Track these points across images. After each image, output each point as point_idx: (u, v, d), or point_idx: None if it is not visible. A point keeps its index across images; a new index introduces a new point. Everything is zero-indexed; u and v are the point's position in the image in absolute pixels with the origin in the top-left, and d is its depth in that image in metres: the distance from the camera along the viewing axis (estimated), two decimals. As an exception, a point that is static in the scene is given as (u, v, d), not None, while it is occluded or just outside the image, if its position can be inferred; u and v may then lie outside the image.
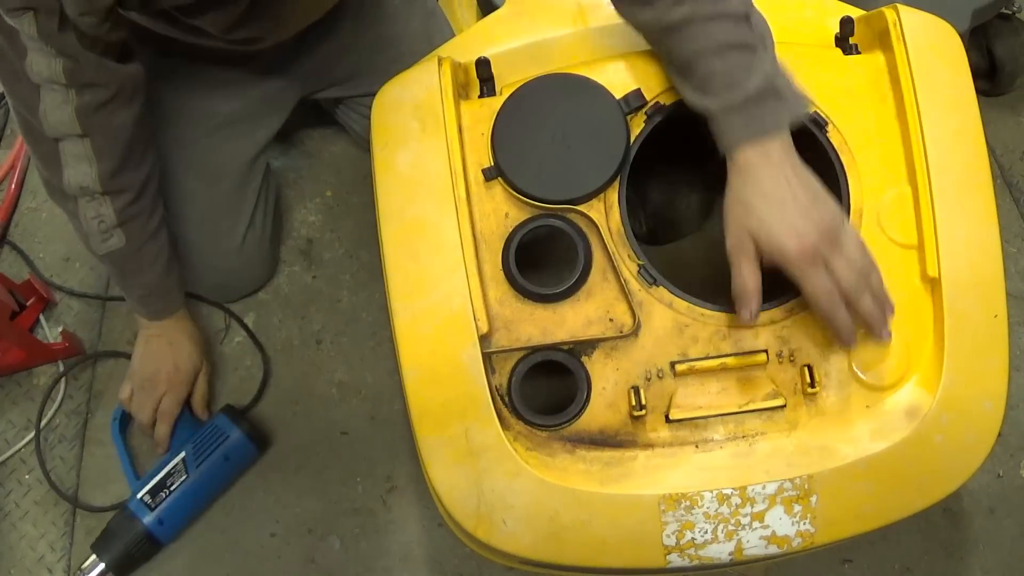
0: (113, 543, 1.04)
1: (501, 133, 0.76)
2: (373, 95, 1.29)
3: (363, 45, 1.19)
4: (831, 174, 0.77)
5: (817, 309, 0.71)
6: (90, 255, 1.34)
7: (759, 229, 0.69)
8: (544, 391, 0.79)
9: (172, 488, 1.06)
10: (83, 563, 1.05)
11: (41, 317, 1.27)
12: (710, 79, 0.70)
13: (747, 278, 0.70)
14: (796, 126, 0.71)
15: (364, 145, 1.38)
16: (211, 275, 1.22)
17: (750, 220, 0.69)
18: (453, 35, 1.28)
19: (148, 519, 1.04)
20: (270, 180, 1.28)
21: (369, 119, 1.29)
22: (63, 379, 1.21)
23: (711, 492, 0.69)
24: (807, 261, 0.68)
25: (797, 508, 0.69)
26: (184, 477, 1.06)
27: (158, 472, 1.08)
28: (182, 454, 1.08)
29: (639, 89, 0.76)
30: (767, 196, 0.69)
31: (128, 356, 1.22)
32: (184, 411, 1.13)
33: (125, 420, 1.15)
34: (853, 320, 0.71)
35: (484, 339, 0.73)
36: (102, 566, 1.04)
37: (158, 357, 1.10)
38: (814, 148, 0.78)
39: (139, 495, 1.06)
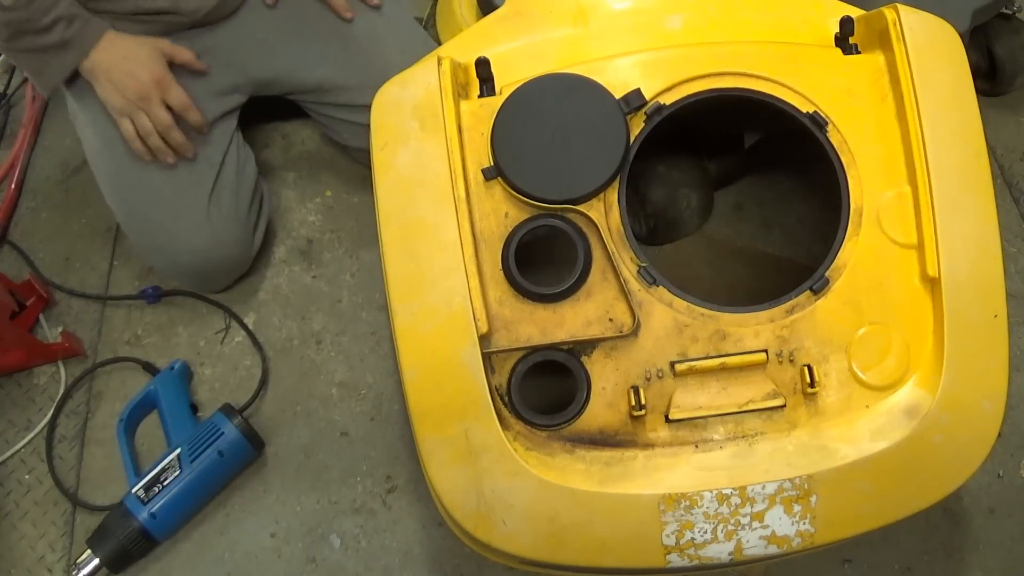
0: (108, 538, 1.05)
1: (501, 133, 0.76)
2: (339, 105, 1.32)
3: (324, 50, 1.20)
4: (831, 174, 0.77)
5: None
6: (89, 252, 1.34)
7: None
8: (544, 391, 0.79)
9: (166, 483, 1.06)
10: (79, 558, 1.05)
11: (41, 317, 1.27)
12: None
13: None
14: None
15: (351, 153, 1.34)
16: (181, 256, 1.18)
17: None
18: (421, 33, 1.28)
19: (142, 514, 1.05)
20: (243, 163, 1.24)
21: (343, 128, 1.31)
22: (63, 378, 1.21)
23: (711, 492, 0.69)
24: None
25: (797, 508, 0.69)
26: (178, 473, 1.07)
27: (153, 468, 1.08)
28: (178, 451, 1.08)
29: (639, 89, 0.76)
30: None
31: (130, 360, 1.22)
32: (184, 411, 1.13)
33: (132, 421, 1.15)
34: None
35: (484, 339, 0.73)
36: (96, 561, 1.04)
37: (126, 74, 1.08)
38: (814, 148, 0.78)
39: (134, 490, 1.06)
